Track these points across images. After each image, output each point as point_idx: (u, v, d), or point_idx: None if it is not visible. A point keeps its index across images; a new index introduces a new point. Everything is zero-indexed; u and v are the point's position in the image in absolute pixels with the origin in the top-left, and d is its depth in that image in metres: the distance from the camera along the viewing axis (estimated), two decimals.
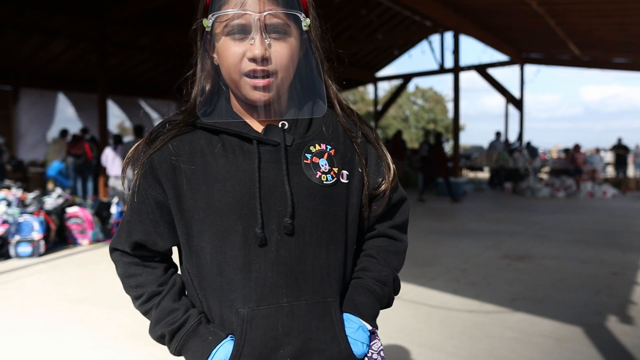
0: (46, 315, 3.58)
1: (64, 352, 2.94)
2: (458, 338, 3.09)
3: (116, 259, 1.00)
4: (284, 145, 0.90)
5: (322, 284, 0.91)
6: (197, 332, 0.91)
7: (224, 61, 0.87)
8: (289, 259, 0.89)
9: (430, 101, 38.87)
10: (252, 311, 0.88)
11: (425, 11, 8.85)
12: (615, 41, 10.58)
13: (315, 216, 0.91)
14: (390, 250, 1.04)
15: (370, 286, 0.98)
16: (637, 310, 3.61)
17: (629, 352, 2.88)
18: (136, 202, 0.95)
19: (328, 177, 0.92)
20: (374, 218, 1.03)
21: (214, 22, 0.87)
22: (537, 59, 14.40)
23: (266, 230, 0.88)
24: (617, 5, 7.79)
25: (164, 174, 0.92)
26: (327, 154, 0.94)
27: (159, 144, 0.92)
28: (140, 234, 0.95)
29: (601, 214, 8.83)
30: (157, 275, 0.97)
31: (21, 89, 12.29)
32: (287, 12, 0.85)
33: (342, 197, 0.95)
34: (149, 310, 0.95)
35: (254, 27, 0.83)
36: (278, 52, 0.86)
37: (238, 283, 0.89)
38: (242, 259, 0.88)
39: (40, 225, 5.61)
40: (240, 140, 0.91)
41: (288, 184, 0.88)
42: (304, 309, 0.89)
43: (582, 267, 4.88)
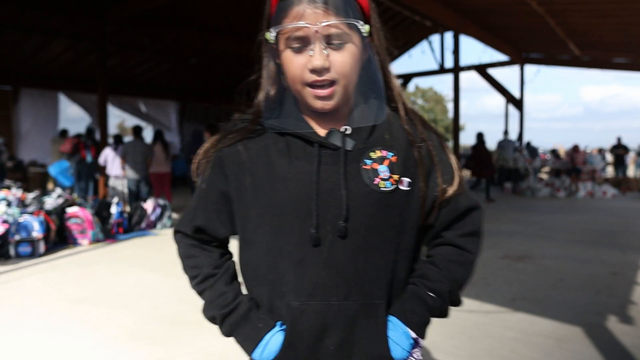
0: (46, 315, 3.58)
1: (64, 352, 2.94)
2: (458, 338, 3.09)
3: (178, 240, 1.08)
4: (344, 149, 0.92)
5: (371, 286, 0.93)
6: (248, 317, 0.96)
7: (288, 72, 0.92)
8: (340, 261, 0.91)
9: (430, 101, 38.88)
10: (303, 304, 0.92)
11: (425, 11, 8.84)
12: (615, 41, 10.57)
13: (369, 221, 0.92)
14: (454, 260, 1.01)
15: (422, 295, 0.97)
16: (637, 310, 3.61)
17: (629, 352, 2.88)
18: (203, 191, 1.02)
19: (387, 184, 0.93)
20: (442, 226, 1.02)
21: (277, 34, 0.91)
22: (537, 59, 14.38)
23: (320, 232, 0.91)
24: (617, 5, 7.79)
25: (230, 168, 0.98)
26: (389, 160, 0.94)
27: (229, 140, 0.99)
28: (203, 220, 1.03)
29: (601, 214, 8.83)
30: (213, 258, 1.04)
31: (21, 89, 12.27)
32: (344, 21, 0.87)
33: (400, 204, 0.95)
34: (204, 291, 1.01)
35: (313, 39, 0.87)
36: (338, 60, 0.88)
37: (291, 278, 0.93)
38: (296, 256, 0.92)
39: (40, 225, 5.61)
40: (303, 143, 0.94)
41: (345, 187, 0.91)
42: (352, 308, 0.92)
43: (582, 267, 4.88)
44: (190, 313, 3.58)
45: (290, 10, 0.87)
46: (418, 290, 0.97)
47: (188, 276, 1.05)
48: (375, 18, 0.96)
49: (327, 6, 0.86)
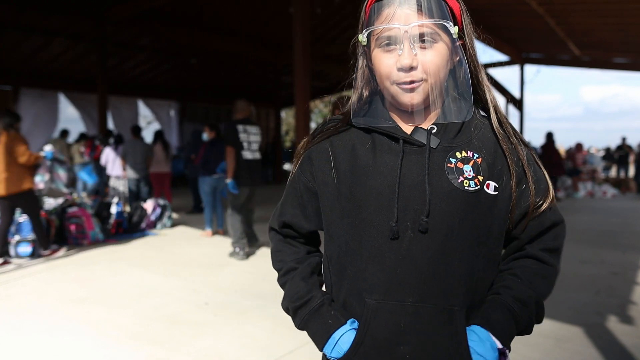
0: (46, 315, 3.57)
1: (64, 352, 2.94)
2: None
3: (271, 237, 1.14)
4: (429, 146, 0.93)
5: (451, 291, 0.90)
6: (319, 312, 0.97)
7: (377, 70, 0.94)
8: (419, 258, 0.90)
9: None
10: (378, 303, 0.91)
11: None
12: (615, 41, 10.57)
13: (452, 220, 0.90)
14: (538, 273, 0.98)
15: (509, 304, 0.93)
16: (637, 310, 3.61)
17: (629, 352, 2.88)
18: (291, 187, 1.09)
19: (471, 183, 0.92)
20: (527, 239, 1.00)
21: (369, 35, 0.94)
22: (537, 59, 14.39)
23: (400, 226, 0.90)
24: (617, 5, 7.79)
25: (318, 164, 1.02)
26: (474, 161, 0.94)
27: (318, 138, 1.04)
28: (289, 216, 1.08)
29: (601, 214, 8.83)
30: (298, 254, 1.08)
31: (21, 89, 12.27)
32: (433, 22, 0.88)
33: (484, 207, 0.93)
34: (285, 284, 1.05)
35: (402, 39, 0.88)
36: (426, 59, 0.89)
37: (368, 273, 0.92)
38: (374, 251, 0.92)
39: None
40: (389, 140, 0.95)
41: (428, 183, 0.90)
42: (429, 312, 0.90)
43: (582, 267, 4.88)
44: (190, 313, 3.58)
45: (382, 12, 0.90)
46: (502, 299, 0.93)
47: (276, 270, 1.09)
48: (467, 21, 0.97)
49: (417, 7, 0.88)
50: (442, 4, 0.90)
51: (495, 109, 1.00)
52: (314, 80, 16.26)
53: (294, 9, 5.81)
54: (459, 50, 0.94)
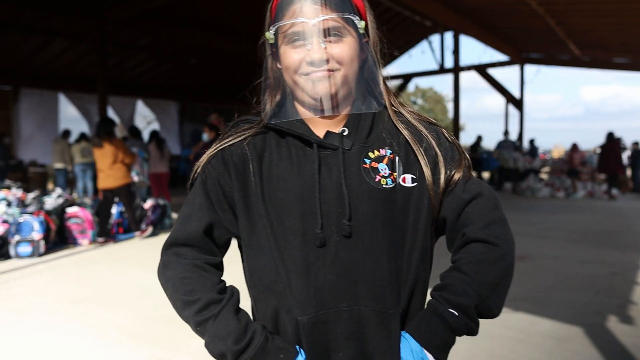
0: (46, 315, 3.57)
1: (64, 352, 2.94)
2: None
3: (169, 260, 0.94)
4: (342, 149, 0.92)
5: (382, 291, 0.89)
6: (266, 350, 0.86)
7: (286, 67, 0.92)
8: (348, 262, 0.89)
9: (430, 101, 38.88)
10: (311, 319, 0.88)
11: (425, 11, 8.85)
12: (615, 41, 10.57)
13: (374, 220, 0.90)
14: (483, 260, 0.91)
15: (444, 313, 0.89)
16: (637, 310, 3.61)
17: (629, 352, 2.88)
18: (205, 190, 0.96)
19: (388, 181, 0.92)
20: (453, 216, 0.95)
21: (276, 33, 0.91)
22: (537, 59, 14.39)
23: (325, 232, 0.88)
24: (617, 5, 7.79)
25: (234, 166, 0.95)
26: (387, 158, 0.94)
27: (232, 139, 0.97)
28: (211, 218, 0.95)
29: (601, 214, 8.83)
30: (214, 281, 0.91)
31: (21, 89, 12.27)
32: (341, 15, 0.88)
33: (405, 202, 0.92)
34: (205, 321, 0.87)
35: (310, 33, 0.87)
36: (336, 51, 0.89)
37: (297, 287, 0.88)
38: (301, 260, 0.89)
39: (40, 225, 5.61)
40: (302, 144, 0.94)
41: (345, 186, 0.89)
42: (363, 315, 0.89)
43: (582, 267, 4.88)
44: None
45: (288, 9, 0.88)
46: (439, 307, 0.90)
47: (181, 302, 0.90)
48: (371, 19, 0.96)
49: (323, 2, 0.87)
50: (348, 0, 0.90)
51: (390, 101, 0.99)
52: None
53: None
54: (365, 48, 0.94)
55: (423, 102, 39.12)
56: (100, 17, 9.21)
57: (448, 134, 1.01)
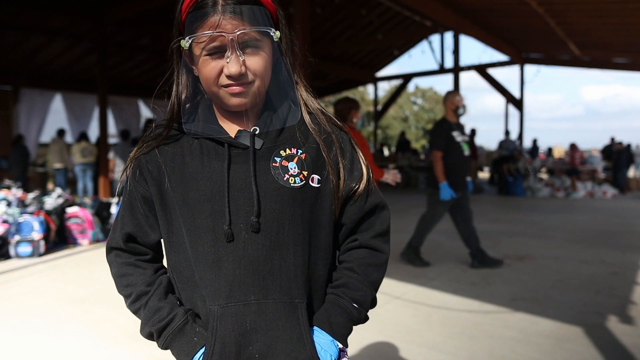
0: (46, 315, 3.58)
1: (64, 352, 2.94)
2: (458, 338, 3.09)
3: (111, 260, 1.06)
4: (252, 148, 0.96)
5: (289, 284, 0.95)
6: (183, 331, 0.96)
7: (204, 78, 0.94)
8: (256, 257, 0.94)
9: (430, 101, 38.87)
10: (222, 308, 0.93)
11: (425, 11, 8.84)
12: (615, 41, 10.57)
13: (281, 217, 0.95)
14: (371, 263, 1.04)
15: (348, 307, 1.00)
16: (637, 310, 3.61)
17: (629, 352, 2.88)
18: (127, 199, 1.04)
19: (296, 179, 0.96)
20: (351, 224, 1.05)
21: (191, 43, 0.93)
22: (537, 59, 14.38)
23: (234, 228, 0.93)
24: (617, 5, 7.78)
25: (149, 173, 1.00)
26: (298, 157, 0.98)
27: (147, 147, 1.01)
28: (132, 226, 1.03)
29: (601, 214, 8.83)
30: (146, 275, 1.02)
31: (21, 89, 12.28)
32: (258, 29, 0.91)
33: (312, 201, 0.98)
34: (138, 310, 1.01)
35: (229, 46, 0.90)
36: (252, 64, 0.92)
37: (209, 279, 0.94)
38: (212, 256, 0.94)
39: (40, 225, 5.61)
40: (215, 144, 0.97)
41: (255, 184, 0.94)
42: (271, 307, 0.94)
43: (582, 267, 4.88)
44: None
45: (205, 20, 0.90)
46: (342, 303, 1.00)
47: (122, 296, 1.04)
48: (283, 22, 0.99)
49: (240, 15, 0.89)
50: (262, 9, 0.93)
51: (305, 102, 1.03)
52: (314, 80, 16.26)
53: (294, 9, 5.81)
54: (277, 53, 0.98)
55: (423, 102, 39.10)
56: (100, 17, 9.21)
57: (353, 142, 1.07)
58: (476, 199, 11.55)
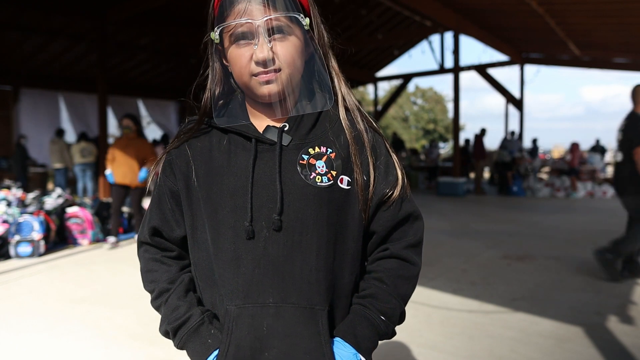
0: (46, 315, 3.57)
1: (64, 352, 2.94)
2: (458, 338, 3.09)
3: (140, 255, 1.06)
4: (280, 144, 0.93)
5: (310, 288, 0.90)
6: (198, 332, 0.93)
7: (235, 67, 0.93)
8: (276, 257, 0.90)
9: (430, 101, 38.87)
10: (239, 309, 0.90)
11: (425, 11, 8.85)
12: (615, 41, 10.57)
13: (305, 217, 0.91)
14: (402, 275, 0.98)
15: (375, 320, 0.94)
16: (637, 310, 3.61)
17: (629, 352, 2.88)
18: (156, 193, 1.04)
19: (324, 179, 0.92)
20: (383, 232, 0.99)
21: (221, 33, 0.93)
22: (537, 59, 14.40)
23: (255, 226, 0.90)
24: (617, 5, 7.79)
25: (178, 167, 0.99)
26: (327, 156, 0.94)
27: (177, 141, 1.01)
28: (158, 220, 1.02)
29: (601, 214, 8.82)
30: (170, 272, 1.01)
31: (21, 89, 12.28)
32: (285, 14, 0.89)
33: (339, 202, 0.94)
34: (159, 307, 1.00)
35: (256, 33, 0.88)
36: (281, 50, 0.90)
37: (227, 278, 0.92)
38: (231, 253, 0.91)
39: (40, 225, 5.61)
40: (242, 139, 0.95)
41: (279, 181, 0.90)
42: (290, 312, 0.89)
43: (582, 267, 4.88)
44: None
45: (232, 9, 0.90)
46: (370, 315, 0.94)
47: (147, 291, 1.03)
48: (316, 13, 0.97)
49: (268, 2, 0.88)
50: None
51: (343, 97, 1.00)
52: None
53: None
54: (310, 42, 0.95)
55: (423, 102, 39.10)
56: (100, 17, 9.21)
57: (389, 147, 1.02)
58: (477, 199, 11.55)
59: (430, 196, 12.04)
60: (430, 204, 10.50)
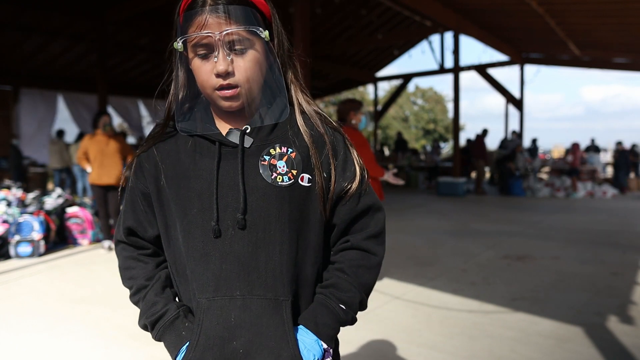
0: (46, 315, 3.58)
1: (64, 352, 2.94)
2: (458, 338, 3.09)
3: (118, 253, 1.11)
4: (241, 147, 0.98)
5: (274, 282, 0.96)
6: (173, 325, 1.00)
7: (198, 78, 0.98)
8: (242, 254, 0.95)
9: (430, 101, 38.86)
10: (209, 301, 0.95)
11: (425, 11, 8.84)
12: (615, 41, 10.57)
13: (268, 215, 0.96)
14: (362, 264, 1.04)
15: (335, 308, 1.00)
16: (637, 310, 3.61)
17: (629, 352, 2.88)
18: (129, 195, 1.08)
19: (284, 178, 0.98)
20: (342, 224, 1.05)
21: (184, 43, 0.96)
22: (537, 59, 14.38)
23: (222, 225, 0.96)
24: (617, 5, 7.78)
25: (147, 170, 1.04)
26: (287, 156, 0.99)
27: (146, 145, 1.06)
28: (132, 221, 1.07)
29: (601, 214, 8.83)
30: (147, 269, 1.07)
31: (21, 89, 12.27)
32: (244, 29, 0.92)
33: (300, 200, 0.99)
34: (138, 302, 1.07)
35: (216, 46, 0.92)
36: (241, 65, 0.94)
37: (198, 273, 0.97)
38: (201, 251, 0.97)
39: (40, 225, 5.61)
40: (207, 142, 1.00)
41: (242, 182, 0.96)
42: (256, 303, 0.95)
43: (582, 267, 4.88)
44: None
45: (194, 20, 0.93)
46: (330, 303, 1.00)
47: (126, 288, 1.09)
48: (277, 21, 1.01)
49: (228, 15, 0.91)
50: (250, 9, 0.94)
51: (299, 103, 1.05)
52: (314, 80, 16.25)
53: (294, 9, 5.81)
54: (268, 53, 0.99)
55: (423, 102, 39.10)
56: (100, 17, 9.21)
57: (348, 143, 1.07)
58: (477, 199, 11.56)
59: (430, 196, 12.04)
60: (430, 204, 10.50)
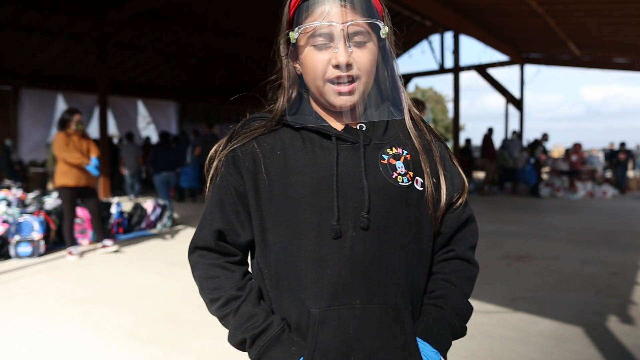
0: (46, 315, 3.57)
1: (64, 352, 2.94)
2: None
3: (195, 261, 0.98)
4: (363, 142, 0.93)
5: (394, 289, 0.90)
6: (280, 340, 0.89)
7: (309, 69, 0.92)
8: (363, 258, 0.88)
9: (430, 101, 38.86)
10: (324, 312, 0.87)
11: (425, 11, 8.84)
12: (615, 41, 10.56)
13: (389, 216, 0.91)
14: (466, 276, 1.01)
15: (452, 321, 0.95)
16: (637, 310, 3.61)
17: (629, 352, 2.88)
18: (217, 194, 0.97)
19: (404, 179, 0.93)
20: (449, 233, 1.01)
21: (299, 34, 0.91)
22: (537, 59, 14.37)
23: (342, 225, 0.88)
24: (617, 5, 7.78)
25: (245, 166, 0.94)
26: (404, 157, 0.95)
27: (242, 139, 0.96)
28: (222, 223, 0.96)
29: (601, 214, 8.82)
30: (235, 279, 0.95)
31: (21, 89, 12.27)
32: (368, 21, 0.89)
33: (416, 203, 0.94)
34: (227, 315, 0.93)
35: (338, 37, 0.88)
36: (360, 58, 0.90)
37: (310, 280, 0.88)
38: (316, 254, 0.88)
39: (40, 225, 5.61)
40: (320, 137, 0.94)
41: (365, 179, 0.90)
42: (376, 312, 0.88)
43: (582, 267, 4.88)
44: (190, 313, 3.58)
45: (314, 10, 0.89)
46: (446, 315, 0.95)
47: (207, 299, 0.96)
48: (388, 21, 0.97)
49: (352, 5, 0.88)
50: (372, 3, 0.91)
51: (409, 107, 1.01)
52: None
53: None
54: (386, 50, 0.96)
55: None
56: (100, 17, 9.20)
57: (452, 154, 1.05)
58: (477, 199, 11.55)
59: None
60: None
